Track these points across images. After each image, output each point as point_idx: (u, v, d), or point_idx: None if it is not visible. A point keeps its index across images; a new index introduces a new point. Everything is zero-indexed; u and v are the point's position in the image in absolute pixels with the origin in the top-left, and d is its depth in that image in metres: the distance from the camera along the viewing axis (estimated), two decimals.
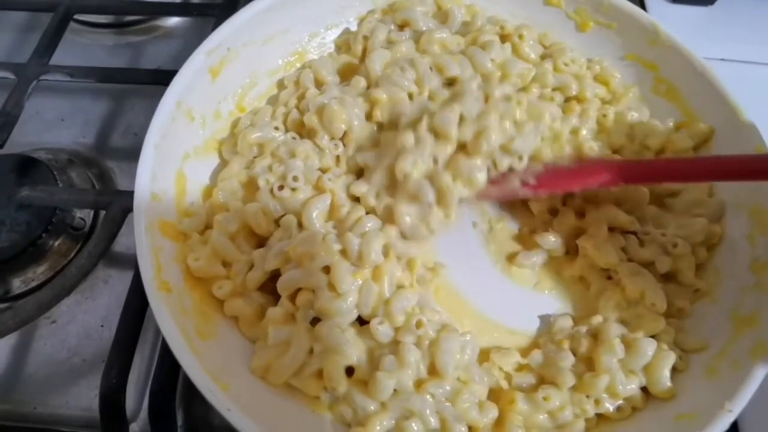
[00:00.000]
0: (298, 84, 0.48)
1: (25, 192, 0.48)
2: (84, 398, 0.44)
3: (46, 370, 0.46)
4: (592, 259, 0.42)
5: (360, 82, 0.46)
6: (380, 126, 0.44)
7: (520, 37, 0.48)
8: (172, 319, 0.35)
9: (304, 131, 0.46)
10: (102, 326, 0.47)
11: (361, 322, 0.39)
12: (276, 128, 0.45)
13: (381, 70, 0.46)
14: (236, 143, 0.45)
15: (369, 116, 0.44)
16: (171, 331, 0.34)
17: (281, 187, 0.42)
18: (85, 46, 0.64)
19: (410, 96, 0.44)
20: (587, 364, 0.38)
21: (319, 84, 0.48)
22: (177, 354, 0.34)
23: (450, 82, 0.46)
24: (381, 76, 0.45)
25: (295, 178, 0.42)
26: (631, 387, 0.37)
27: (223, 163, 0.46)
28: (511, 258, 0.44)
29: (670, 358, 0.37)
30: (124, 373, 0.40)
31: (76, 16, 0.62)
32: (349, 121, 0.43)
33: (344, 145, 0.44)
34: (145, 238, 0.37)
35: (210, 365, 0.34)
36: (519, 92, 0.44)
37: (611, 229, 0.43)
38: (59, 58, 0.57)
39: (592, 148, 0.44)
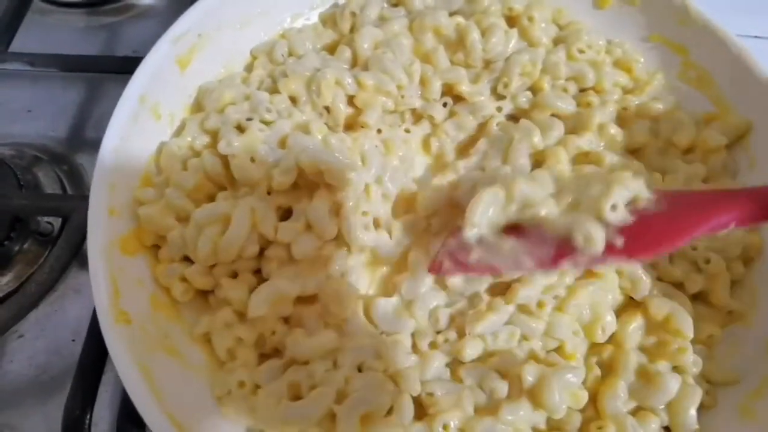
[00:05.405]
0: (270, 56, 0.44)
1: None
2: (54, 420, 0.41)
3: (13, 390, 0.43)
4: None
5: (345, 52, 0.43)
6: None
7: (530, 19, 0.42)
8: (130, 356, 0.31)
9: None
10: (73, 341, 0.44)
11: None
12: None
13: (370, 50, 0.42)
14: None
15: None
16: (127, 371, 0.30)
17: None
18: (53, 28, 0.59)
19: (399, 88, 0.40)
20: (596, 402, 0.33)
21: None
22: (133, 397, 0.30)
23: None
24: (371, 57, 0.41)
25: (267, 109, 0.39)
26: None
27: None
28: None
29: (697, 394, 0.33)
30: (89, 401, 0.37)
31: None
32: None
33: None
34: (100, 262, 0.33)
35: (171, 404, 0.31)
36: None
37: None
38: (23, 41, 0.53)
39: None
